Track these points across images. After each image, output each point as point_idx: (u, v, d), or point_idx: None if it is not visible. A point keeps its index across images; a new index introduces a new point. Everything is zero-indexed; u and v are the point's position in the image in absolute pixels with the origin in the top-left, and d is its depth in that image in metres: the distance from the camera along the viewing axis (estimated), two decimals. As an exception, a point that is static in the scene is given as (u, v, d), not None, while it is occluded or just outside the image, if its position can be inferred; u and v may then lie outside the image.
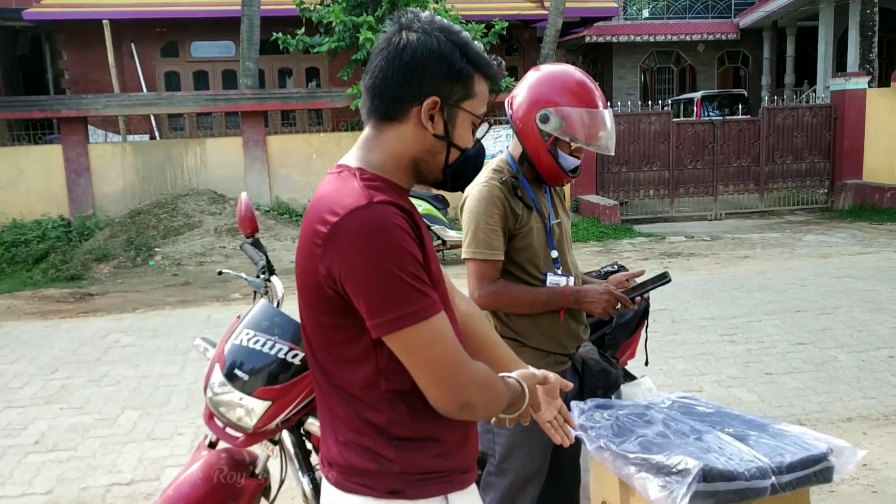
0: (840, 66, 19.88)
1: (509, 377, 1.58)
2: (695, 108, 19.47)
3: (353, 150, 1.55)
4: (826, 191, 13.72)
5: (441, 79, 1.44)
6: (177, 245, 10.38)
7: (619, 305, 2.40)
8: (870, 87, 13.70)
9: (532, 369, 1.66)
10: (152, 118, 14.82)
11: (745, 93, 20.68)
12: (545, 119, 2.30)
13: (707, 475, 1.80)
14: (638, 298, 2.44)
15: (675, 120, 13.41)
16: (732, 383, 5.19)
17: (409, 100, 1.45)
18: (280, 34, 12.39)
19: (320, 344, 1.48)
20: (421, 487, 1.49)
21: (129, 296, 8.61)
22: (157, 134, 15.02)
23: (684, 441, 1.98)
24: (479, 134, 1.54)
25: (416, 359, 1.39)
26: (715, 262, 9.33)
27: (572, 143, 2.34)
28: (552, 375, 1.68)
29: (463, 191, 1.59)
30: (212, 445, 2.74)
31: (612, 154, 2.47)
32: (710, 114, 18.81)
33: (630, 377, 3.08)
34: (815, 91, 19.00)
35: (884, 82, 15.39)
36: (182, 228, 10.67)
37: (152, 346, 6.44)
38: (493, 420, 1.61)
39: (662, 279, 2.45)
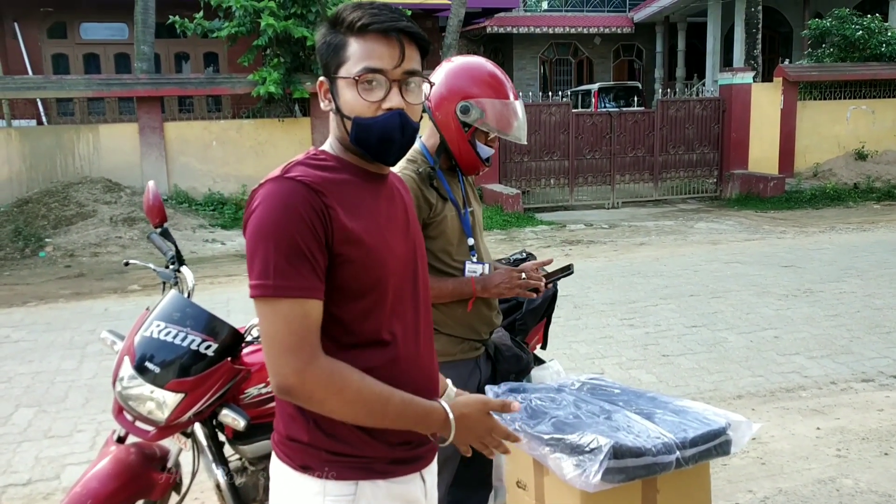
0: (727, 61, 20.82)
1: (435, 403, 1.51)
2: (592, 100, 20.03)
3: None
4: (715, 180, 14.36)
5: (321, 64, 1.53)
6: (69, 235, 9.95)
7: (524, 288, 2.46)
8: (754, 81, 14.41)
9: (485, 397, 1.59)
10: (39, 102, 14.11)
11: (640, 85, 21.42)
12: (466, 110, 2.36)
13: (617, 452, 1.90)
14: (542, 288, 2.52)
15: (574, 111, 13.74)
16: (632, 365, 5.41)
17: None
18: (177, 18, 12.01)
19: None
20: (330, 468, 1.49)
21: (17, 289, 8.20)
22: (44, 119, 14.31)
23: (595, 421, 2.08)
24: (367, 95, 1.46)
25: (261, 329, 1.42)
26: (613, 250, 9.66)
27: (489, 133, 2.41)
28: (515, 405, 1.58)
29: (388, 164, 1.56)
30: (120, 440, 2.67)
31: (525, 143, 2.57)
32: (607, 105, 19.39)
33: (539, 361, 3.18)
34: (703, 84, 19.83)
35: (767, 77, 16.22)
36: (74, 218, 10.23)
37: (46, 341, 6.18)
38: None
39: (566, 271, 2.56)
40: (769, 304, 6.81)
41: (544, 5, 26.01)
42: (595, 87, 20.65)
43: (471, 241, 2.45)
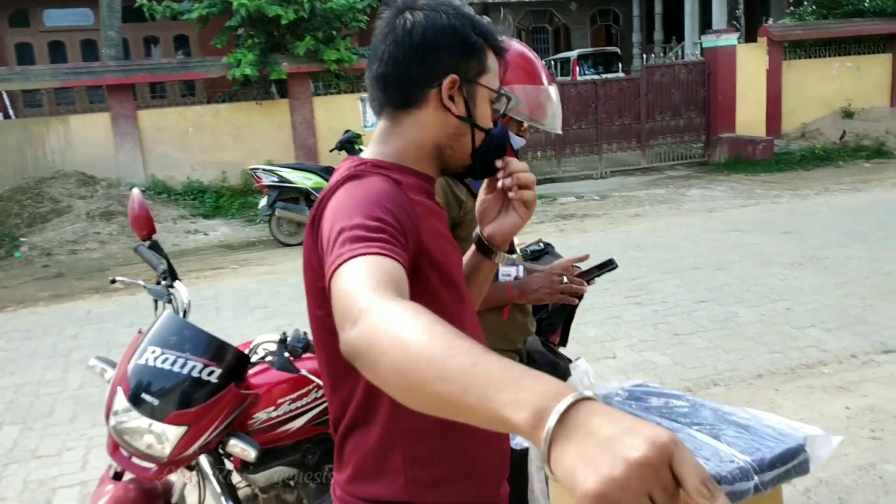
0: (705, 23, 20.51)
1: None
2: (571, 67, 19.70)
3: (369, 146, 1.38)
4: (703, 145, 14.15)
5: (456, 54, 1.32)
6: (45, 233, 9.59)
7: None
8: (738, 43, 14.16)
9: None
10: (4, 95, 13.61)
11: (619, 50, 21.09)
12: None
13: (691, 483, 1.66)
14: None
15: (558, 80, 13.44)
16: (644, 347, 5.20)
17: (427, 82, 1.31)
18: (145, 1, 11.54)
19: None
20: None
21: (-6, 293, 7.87)
22: (11, 113, 13.82)
23: (656, 443, 1.84)
24: (499, 107, 1.42)
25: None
26: (608, 223, 9.44)
27: (523, 123, 2.14)
28: None
29: (489, 176, 1.43)
30: (117, 477, 2.42)
31: (560, 132, 2.31)
32: (586, 72, 19.05)
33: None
34: (682, 47, 19.54)
35: (748, 38, 15.96)
36: (49, 215, 9.86)
37: (27, 349, 5.88)
38: None
39: (609, 266, 2.32)
40: (775, 274, 6.62)
41: (518, -27, 25.49)
42: (574, 54, 20.29)
43: (502, 242, 2.19)
